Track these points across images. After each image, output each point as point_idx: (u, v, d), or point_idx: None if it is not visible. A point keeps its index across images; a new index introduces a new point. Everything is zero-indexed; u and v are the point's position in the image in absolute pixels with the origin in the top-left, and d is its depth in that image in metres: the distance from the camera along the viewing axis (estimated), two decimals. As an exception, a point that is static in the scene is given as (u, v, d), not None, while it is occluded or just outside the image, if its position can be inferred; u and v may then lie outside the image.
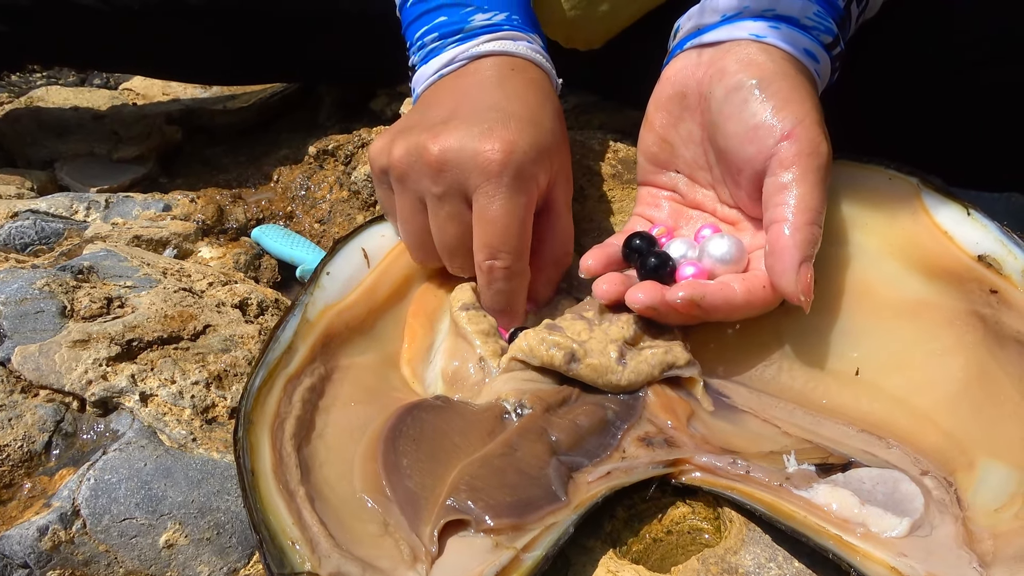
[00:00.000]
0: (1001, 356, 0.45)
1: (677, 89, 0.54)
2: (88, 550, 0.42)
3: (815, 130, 0.48)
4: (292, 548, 0.38)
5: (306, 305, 0.50)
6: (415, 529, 0.40)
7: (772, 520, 0.41)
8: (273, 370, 0.46)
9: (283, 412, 0.44)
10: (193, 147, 0.95)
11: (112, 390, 0.48)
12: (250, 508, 0.39)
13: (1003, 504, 0.41)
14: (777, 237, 0.47)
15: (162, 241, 0.69)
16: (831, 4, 0.52)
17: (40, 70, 1.43)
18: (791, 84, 0.49)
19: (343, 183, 0.79)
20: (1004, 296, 0.45)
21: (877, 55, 0.61)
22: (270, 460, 0.41)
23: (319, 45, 0.86)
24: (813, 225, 0.47)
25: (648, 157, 0.57)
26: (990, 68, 0.61)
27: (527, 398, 0.47)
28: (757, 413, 0.49)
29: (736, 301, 0.47)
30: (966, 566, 0.38)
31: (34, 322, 0.51)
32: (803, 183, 0.47)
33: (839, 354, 0.49)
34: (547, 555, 0.39)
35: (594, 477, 0.44)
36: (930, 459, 0.45)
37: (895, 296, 0.49)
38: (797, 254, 0.46)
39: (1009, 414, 0.44)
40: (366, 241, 0.55)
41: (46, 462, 0.46)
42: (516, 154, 0.50)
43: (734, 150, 0.50)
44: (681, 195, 0.56)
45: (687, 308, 0.47)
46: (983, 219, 0.48)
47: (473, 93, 0.55)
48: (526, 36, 0.59)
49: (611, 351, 0.48)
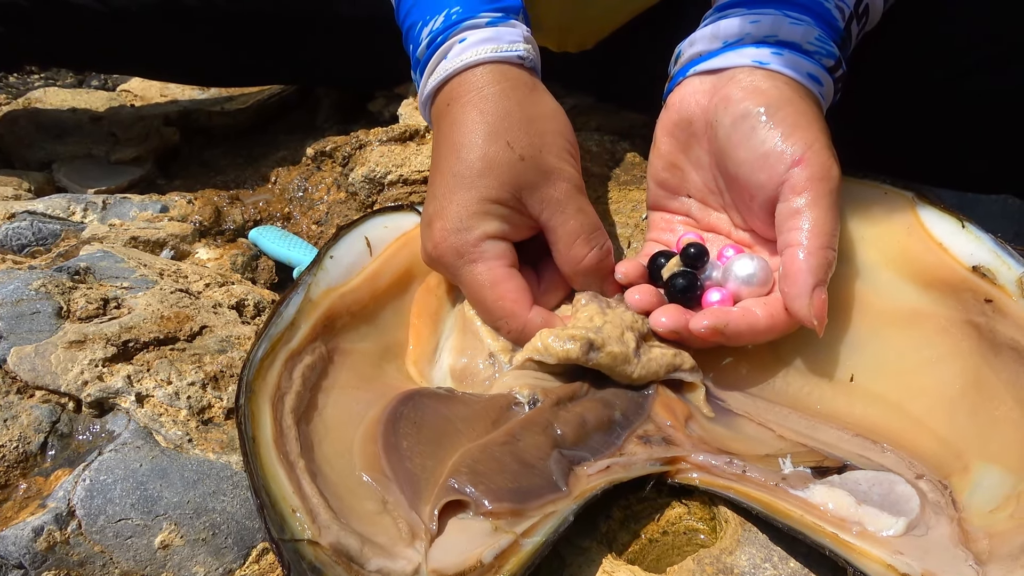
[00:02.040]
0: (995, 363, 0.45)
1: (683, 116, 0.54)
2: (83, 551, 0.42)
3: (825, 154, 0.48)
4: (292, 515, 0.38)
5: (309, 285, 0.50)
6: (415, 508, 0.41)
7: (769, 519, 0.41)
8: (276, 343, 0.46)
9: (284, 386, 0.44)
10: (191, 149, 0.95)
11: (108, 391, 0.48)
12: (251, 472, 0.39)
13: (998, 505, 0.41)
14: (791, 261, 0.47)
15: (159, 242, 0.69)
16: (832, 27, 0.52)
17: (38, 71, 1.44)
18: (797, 110, 0.49)
19: (341, 184, 0.79)
20: (999, 305, 0.46)
21: (875, 62, 0.61)
22: (271, 430, 0.42)
23: (317, 49, 0.87)
24: (827, 249, 0.47)
25: (658, 182, 0.57)
26: (985, 73, 0.61)
27: (539, 391, 0.48)
28: (752, 417, 0.49)
29: (759, 327, 0.48)
30: (962, 564, 0.38)
31: (30, 323, 0.51)
32: (816, 207, 0.47)
33: (835, 361, 0.50)
34: (547, 541, 0.39)
35: (594, 470, 0.44)
36: (925, 463, 0.45)
37: (891, 305, 0.50)
38: (811, 279, 0.46)
39: (1003, 419, 0.44)
40: (369, 231, 0.56)
41: (42, 463, 0.46)
42: (447, 240, 0.51)
43: (745, 177, 0.50)
44: (695, 219, 0.57)
45: (711, 336, 0.48)
46: (977, 231, 0.49)
47: (434, 160, 0.55)
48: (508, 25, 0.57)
49: (629, 339, 0.49)
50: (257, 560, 0.44)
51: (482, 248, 0.51)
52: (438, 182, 0.53)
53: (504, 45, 0.55)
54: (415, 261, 0.56)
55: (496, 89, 0.54)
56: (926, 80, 0.64)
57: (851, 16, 0.54)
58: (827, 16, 0.52)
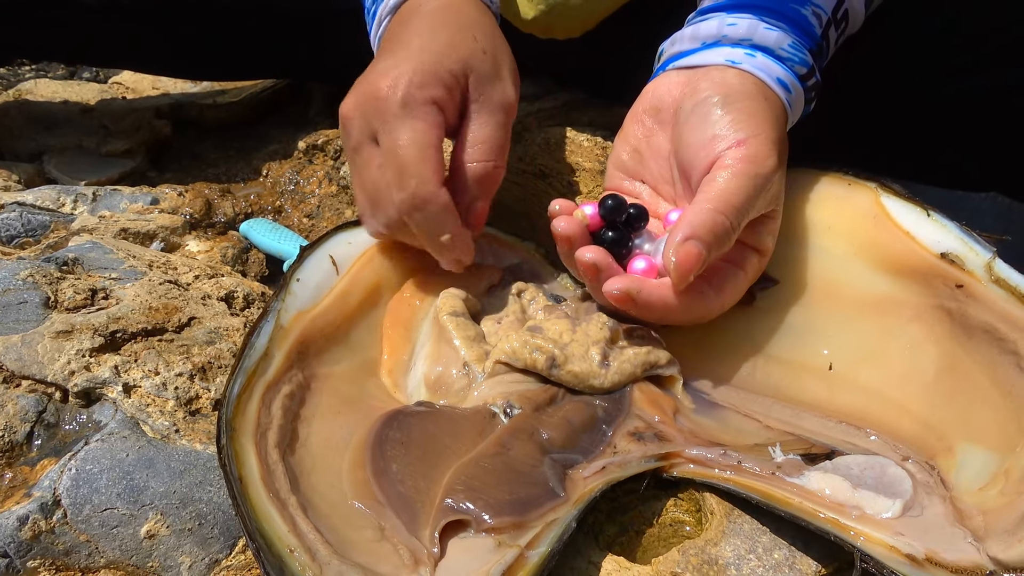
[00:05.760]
0: (969, 345, 0.46)
1: (653, 103, 0.55)
2: (69, 540, 0.42)
3: (766, 145, 0.48)
4: (291, 556, 0.37)
5: (279, 311, 0.49)
6: (413, 532, 0.40)
7: (770, 507, 0.41)
8: (251, 376, 0.45)
9: (264, 421, 0.43)
10: (182, 141, 0.94)
11: (95, 381, 0.48)
12: (243, 516, 0.38)
13: (986, 483, 0.42)
14: (681, 216, 0.47)
15: (149, 234, 0.69)
16: (807, 34, 0.53)
17: (29, 63, 1.43)
18: (756, 104, 0.50)
19: (332, 178, 0.79)
20: (969, 290, 0.47)
21: (862, 60, 0.62)
22: (257, 469, 0.41)
23: (309, 42, 0.86)
24: (719, 214, 0.46)
25: (618, 165, 0.57)
26: (973, 73, 0.62)
27: (515, 398, 0.47)
28: (738, 408, 0.50)
29: (671, 303, 0.47)
30: (961, 541, 0.39)
31: (17, 312, 0.51)
32: (733, 179, 0.47)
33: (812, 351, 0.51)
34: (552, 551, 0.39)
35: (589, 472, 0.44)
36: (909, 446, 0.46)
37: (864, 294, 0.51)
38: (687, 230, 0.46)
39: (981, 400, 0.45)
40: (333, 248, 0.55)
41: (27, 452, 0.46)
42: (399, 86, 0.51)
43: (689, 159, 0.51)
44: (644, 204, 0.57)
45: (622, 301, 0.47)
46: (943, 219, 0.49)
47: (385, 45, 0.56)
48: None
49: (594, 353, 0.49)
50: (243, 550, 0.43)
51: (428, 109, 0.51)
52: (398, 49, 0.54)
53: None
54: (383, 275, 0.56)
55: (464, 1, 0.56)
56: (914, 79, 0.64)
57: (828, 22, 0.54)
58: (803, 23, 0.53)
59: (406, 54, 0.53)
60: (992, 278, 0.46)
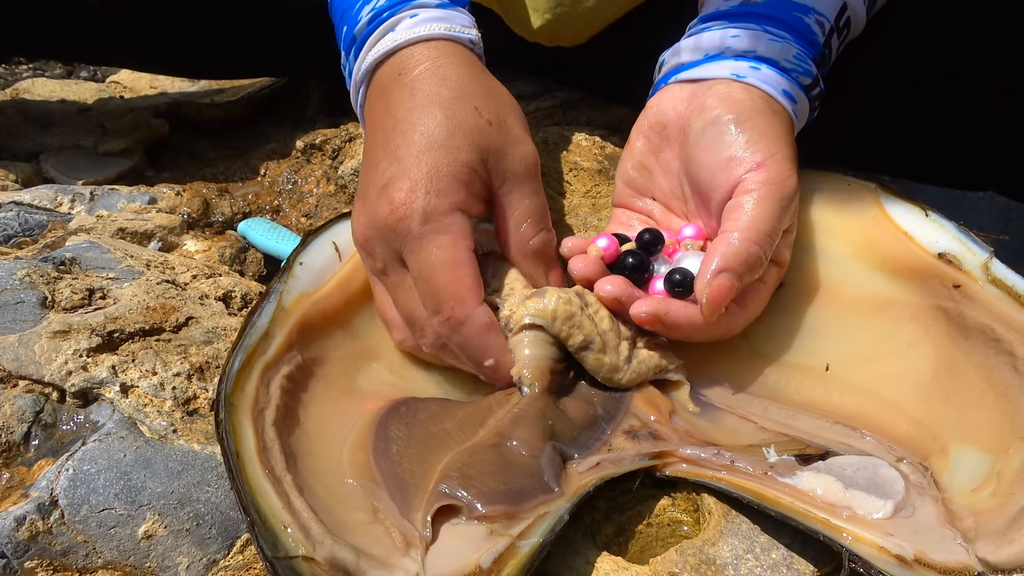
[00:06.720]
0: (965, 346, 0.46)
1: (659, 119, 0.55)
2: (66, 540, 0.41)
3: (785, 164, 0.49)
4: (284, 532, 0.37)
5: (281, 293, 0.49)
6: (406, 515, 0.41)
7: (761, 507, 0.41)
8: (251, 354, 0.45)
9: (262, 399, 0.44)
10: (180, 140, 0.94)
11: (92, 381, 0.48)
12: (238, 490, 0.39)
13: (979, 485, 0.42)
14: (712, 246, 0.47)
15: (147, 234, 0.68)
16: (811, 43, 0.53)
17: (26, 62, 1.42)
18: (767, 122, 0.50)
19: (330, 177, 0.79)
20: (966, 290, 0.47)
21: (861, 61, 0.62)
22: (254, 445, 0.41)
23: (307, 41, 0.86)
24: (752, 244, 0.47)
25: (626, 181, 0.57)
26: (970, 73, 0.62)
27: (532, 369, 0.47)
28: (734, 410, 0.50)
29: (698, 321, 0.47)
30: (951, 542, 0.39)
31: (14, 312, 0.51)
32: (760, 205, 0.47)
33: (809, 352, 0.51)
34: (544, 542, 0.39)
35: (584, 468, 0.44)
36: (904, 447, 0.46)
37: (860, 295, 0.51)
38: (720, 262, 0.46)
39: (976, 401, 0.45)
40: (337, 235, 0.55)
41: (24, 452, 0.45)
42: (416, 199, 0.47)
43: (706, 181, 0.51)
44: (656, 222, 0.57)
45: (650, 323, 0.48)
46: (941, 219, 0.50)
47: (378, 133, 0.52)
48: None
49: (623, 349, 0.49)
50: (241, 551, 0.43)
51: (452, 219, 0.47)
52: (399, 144, 0.49)
53: (457, 26, 0.53)
54: None
55: (453, 60, 0.51)
56: (914, 79, 0.64)
57: (831, 30, 0.54)
58: (807, 32, 0.53)
59: (410, 151, 0.48)
60: (989, 278, 0.46)
